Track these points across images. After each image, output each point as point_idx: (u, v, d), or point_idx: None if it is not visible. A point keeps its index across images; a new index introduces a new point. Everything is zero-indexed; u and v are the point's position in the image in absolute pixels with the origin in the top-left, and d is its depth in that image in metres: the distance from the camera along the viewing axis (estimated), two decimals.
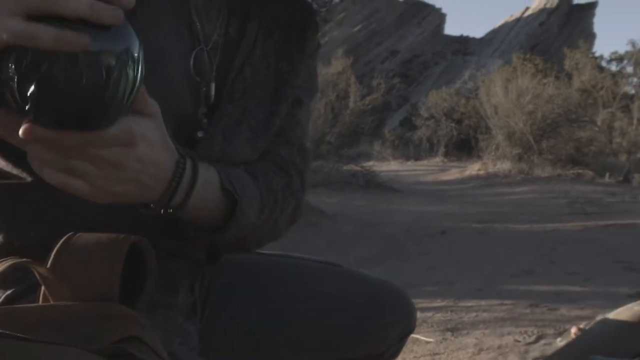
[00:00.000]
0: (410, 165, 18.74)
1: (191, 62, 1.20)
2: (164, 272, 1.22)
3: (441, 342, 3.79)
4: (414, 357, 3.57)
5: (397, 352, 1.68)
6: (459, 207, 9.18)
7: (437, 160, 18.96)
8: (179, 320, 1.29)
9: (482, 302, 4.56)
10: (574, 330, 2.62)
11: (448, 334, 3.93)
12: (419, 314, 4.43)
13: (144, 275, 1.08)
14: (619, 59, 14.89)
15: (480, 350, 3.44)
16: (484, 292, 4.85)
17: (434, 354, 3.61)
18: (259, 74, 1.31)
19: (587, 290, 4.74)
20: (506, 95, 14.09)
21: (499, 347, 3.52)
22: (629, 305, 2.16)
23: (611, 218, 7.68)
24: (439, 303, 4.63)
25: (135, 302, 1.06)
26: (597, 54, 16.19)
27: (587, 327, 2.53)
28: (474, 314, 4.30)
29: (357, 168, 11.79)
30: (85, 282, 1.02)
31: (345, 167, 11.70)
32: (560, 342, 2.79)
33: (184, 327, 1.29)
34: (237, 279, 1.52)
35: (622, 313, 2.10)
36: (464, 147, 19.44)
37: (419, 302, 4.65)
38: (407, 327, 1.65)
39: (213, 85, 1.25)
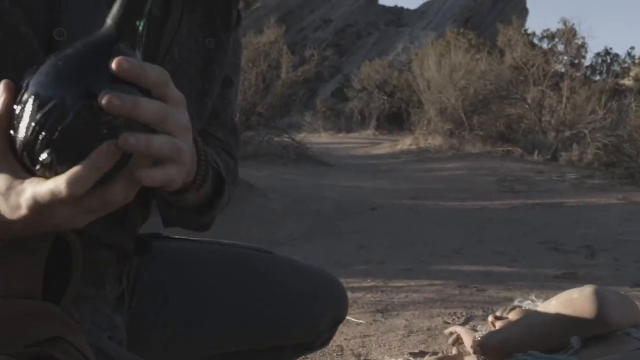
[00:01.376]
0: (342, 137, 18.72)
1: None
2: (92, 262, 1.19)
3: (371, 324, 3.76)
4: (345, 339, 3.52)
5: (328, 340, 1.71)
6: (390, 183, 9.18)
7: (369, 133, 18.98)
8: (106, 312, 1.26)
9: (412, 283, 4.55)
10: (490, 319, 2.57)
11: (378, 315, 3.89)
12: (349, 294, 4.38)
13: (68, 268, 1.00)
14: (551, 36, 15.07)
15: (410, 332, 3.42)
16: (414, 272, 4.84)
17: (364, 336, 3.57)
18: (188, 52, 1.27)
19: (514, 271, 4.78)
20: (439, 70, 14.13)
21: (429, 329, 3.51)
22: (559, 296, 2.12)
23: (538, 197, 7.79)
24: (369, 283, 4.59)
25: (60, 298, 0.99)
26: (529, 31, 16.32)
27: (504, 314, 2.49)
28: (404, 295, 4.28)
29: (288, 140, 11.69)
30: (6, 278, 0.93)
31: (276, 139, 11.60)
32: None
33: (112, 319, 1.26)
34: (166, 269, 1.49)
35: (551, 305, 2.06)
36: (396, 120, 19.49)
37: (349, 282, 4.62)
38: (339, 315, 1.67)
39: None
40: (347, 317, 3.84)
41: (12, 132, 0.81)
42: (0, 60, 1.03)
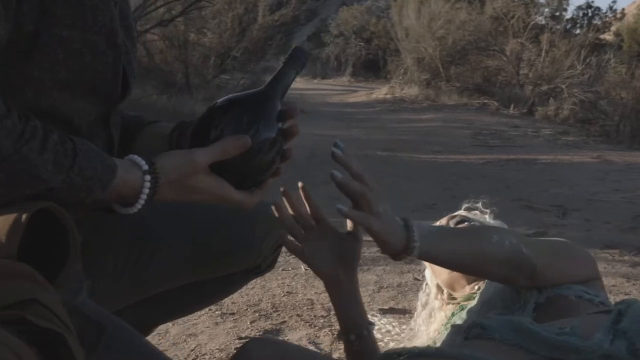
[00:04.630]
0: (317, 83, 18.52)
1: None
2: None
3: None
4: (315, 292, 3.49)
5: (273, 262, 1.80)
6: (364, 133, 9.09)
7: (344, 79, 18.78)
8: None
9: None
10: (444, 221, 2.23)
11: None
12: None
13: (61, 247, 1.07)
14: None
15: (381, 288, 3.39)
16: None
17: None
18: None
19: None
20: (418, 18, 13.92)
21: (399, 285, 3.50)
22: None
23: (513, 152, 7.75)
24: None
25: (58, 274, 1.04)
26: None
27: (450, 223, 2.28)
28: (375, 249, 4.22)
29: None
30: None
31: (250, 84, 11.39)
32: None
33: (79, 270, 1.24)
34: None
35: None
36: (372, 67, 19.30)
37: None
38: (280, 237, 1.73)
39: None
40: None
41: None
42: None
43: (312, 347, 2.75)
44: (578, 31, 16.98)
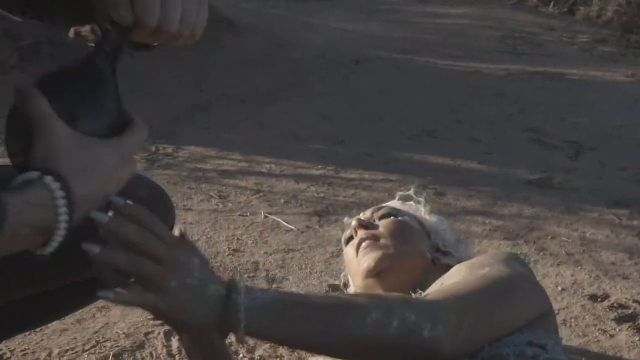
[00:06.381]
0: None
1: None
2: None
3: (302, 232, 3.33)
4: (265, 252, 3.09)
5: None
6: (384, 28, 8.40)
7: None
8: None
9: (366, 175, 4.07)
10: (354, 223, 2.01)
11: (314, 220, 3.46)
12: (293, 185, 3.90)
13: None
14: None
15: (341, 251, 2.88)
16: (372, 159, 4.35)
17: (288, 251, 3.13)
18: None
19: (483, 170, 4.28)
20: None
21: None
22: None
23: (540, 63, 7.08)
24: (319, 170, 4.13)
25: None
26: None
27: (375, 218, 2.03)
28: (351, 192, 3.82)
29: None
30: None
31: None
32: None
33: None
34: None
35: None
36: None
37: (298, 167, 4.16)
38: (166, 222, 1.46)
39: None
40: (278, 219, 3.40)
41: None
42: None
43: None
44: None
